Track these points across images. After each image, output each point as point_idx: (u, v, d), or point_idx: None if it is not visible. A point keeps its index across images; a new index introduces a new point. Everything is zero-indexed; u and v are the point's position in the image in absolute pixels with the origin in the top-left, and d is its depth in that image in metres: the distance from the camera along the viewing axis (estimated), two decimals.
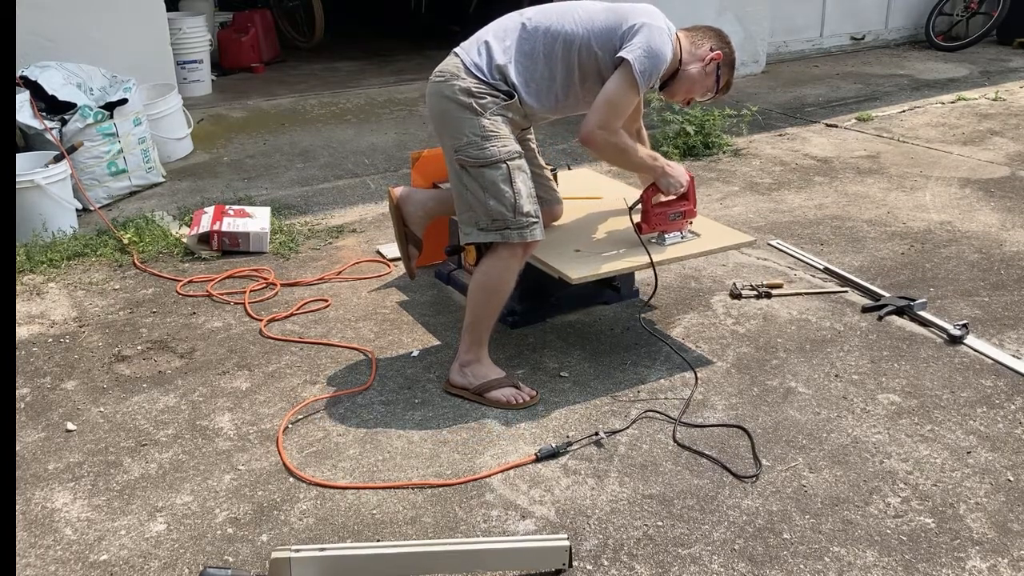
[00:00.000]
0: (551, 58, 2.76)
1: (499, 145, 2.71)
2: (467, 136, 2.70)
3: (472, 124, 2.70)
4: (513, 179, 2.71)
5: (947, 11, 8.82)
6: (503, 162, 2.70)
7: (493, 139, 2.70)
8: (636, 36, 2.70)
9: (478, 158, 2.70)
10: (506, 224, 2.72)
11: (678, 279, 3.69)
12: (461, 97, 2.70)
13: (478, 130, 2.69)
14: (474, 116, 2.70)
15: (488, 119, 2.70)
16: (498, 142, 2.71)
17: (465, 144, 2.71)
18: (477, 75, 2.72)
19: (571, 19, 2.77)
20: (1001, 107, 6.47)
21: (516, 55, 2.75)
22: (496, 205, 2.71)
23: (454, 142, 2.74)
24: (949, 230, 4.18)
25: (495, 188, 2.71)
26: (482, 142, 2.69)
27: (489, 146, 2.69)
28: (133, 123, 4.69)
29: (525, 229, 2.73)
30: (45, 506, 2.39)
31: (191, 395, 2.92)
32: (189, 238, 4.00)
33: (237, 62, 7.70)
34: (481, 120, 2.70)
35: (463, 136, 2.71)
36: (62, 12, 5.21)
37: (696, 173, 5.06)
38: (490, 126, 2.70)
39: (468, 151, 2.71)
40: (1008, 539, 2.22)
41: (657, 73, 2.74)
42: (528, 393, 2.83)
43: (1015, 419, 2.71)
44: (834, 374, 2.97)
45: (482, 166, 2.70)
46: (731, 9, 7.37)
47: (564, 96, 2.82)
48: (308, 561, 2.06)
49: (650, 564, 2.15)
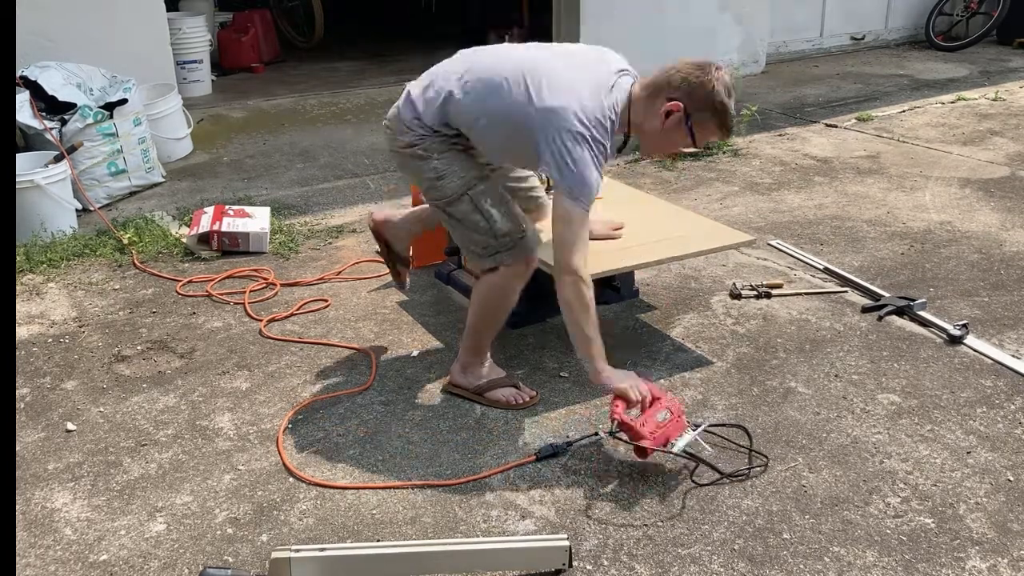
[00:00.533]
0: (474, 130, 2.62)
1: (455, 180, 2.65)
2: (425, 180, 2.69)
3: (424, 168, 2.67)
4: (480, 206, 2.65)
5: (947, 11, 8.82)
6: (463, 195, 2.66)
7: (447, 176, 2.65)
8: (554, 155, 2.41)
9: (441, 198, 2.69)
10: (496, 249, 2.68)
11: (678, 279, 3.69)
12: (405, 150, 2.69)
13: (431, 172, 2.67)
14: (422, 161, 2.66)
15: (438, 159, 2.65)
16: (453, 178, 2.65)
17: (427, 188, 2.71)
18: (417, 129, 2.64)
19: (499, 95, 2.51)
20: (1001, 107, 6.47)
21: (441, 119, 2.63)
22: (477, 236, 2.68)
23: (419, 184, 2.77)
24: (949, 230, 4.18)
25: (468, 220, 2.68)
26: (437, 182, 2.67)
27: (445, 185, 2.66)
28: (133, 123, 4.69)
29: (514, 249, 2.66)
30: (45, 506, 2.39)
31: (191, 395, 2.92)
32: (189, 238, 4.00)
33: (237, 62, 7.70)
34: (431, 163, 2.66)
35: (422, 180, 2.71)
36: (62, 12, 5.21)
37: (696, 173, 5.07)
38: (441, 166, 2.65)
39: (431, 194, 2.72)
40: (1008, 539, 2.22)
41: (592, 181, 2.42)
42: (528, 393, 2.83)
43: (1015, 419, 2.71)
44: (834, 374, 2.97)
45: (449, 203, 2.69)
46: (731, 9, 7.37)
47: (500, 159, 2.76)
48: (308, 561, 2.06)
49: (650, 564, 2.15)
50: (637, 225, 3.18)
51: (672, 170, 5.12)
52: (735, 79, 2.62)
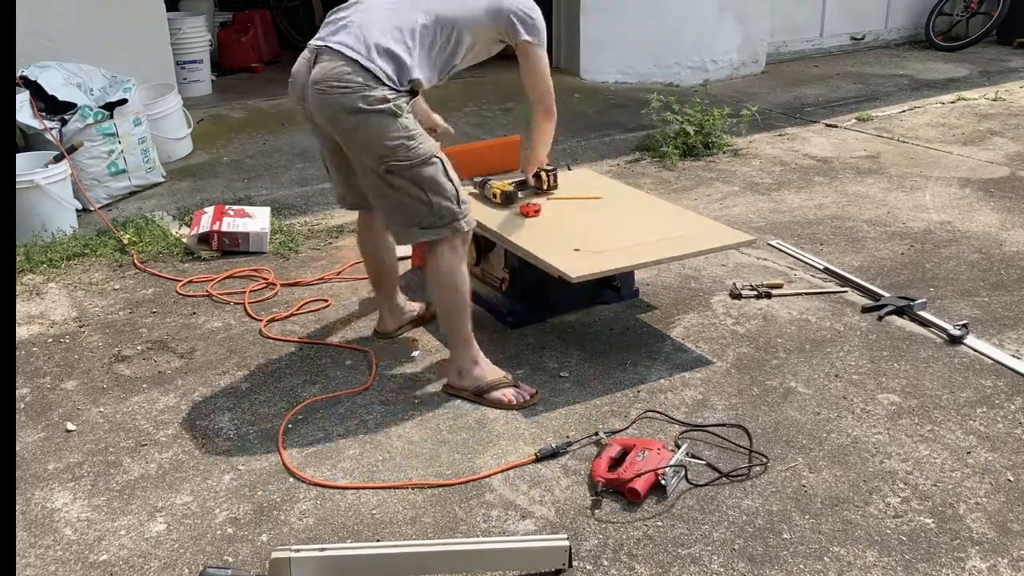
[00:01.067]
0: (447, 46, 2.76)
1: (427, 142, 2.70)
2: (394, 140, 2.63)
3: (396, 127, 2.63)
4: (448, 170, 2.73)
5: (947, 11, 8.82)
6: (435, 156, 2.70)
7: (419, 136, 2.68)
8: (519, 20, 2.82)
9: (411, 159, 2.65)
10: (454, 216, 2.72)
11: (678, 279, 3.69)
12: (378, 106, 2.60)
13: (403, 131, 2.63)
14: (395, 119, 2.62)
15: (406, 118, 2.66)
16: (423, 139, 2.69)
17: (395, 147, 2.63)
18: (389, 84, 2.61)
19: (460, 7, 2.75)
20: (1001, 107, 6.47)
21: (421, 56, 2.69)
22: (440, 200, 2.69)
23: (379, 150, 2.64)
24: (949, 230, 4.18)
25: (435, 184, 2.68)
26: (409, 142, 2.64)
27: (418, 145, 2.66)
28: (133, 123, 4.69)
29: (470, 216, 2.78)
30: (45, 506, 2.39)
31: (191, 395, 2.92)
32: (189, 238, 4.00)
33: (237, 62, 7.69)
34: (402, 120, 2.64)
35: (390, 141, 2.62)
36: (62, 12, 5.21)
37: (696, 173, 5.07)
38: (411, 124, 2.67)
39: (398, 154, 2.64)
40: (1008, 539, 2.22)
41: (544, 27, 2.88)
42: (528, 392, 2.83)
43: (1015, 419, 2.71)
44: (834, 374, 2.97)
45: (417, 165, 2.66)
46: (731, 9, 7.37)
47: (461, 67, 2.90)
48: (308, 561, 2.06)
49: (650, 564, 2.15)
50: (637, 225, 3.18)
51: (672, 170, 5.12)
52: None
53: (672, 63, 7.28)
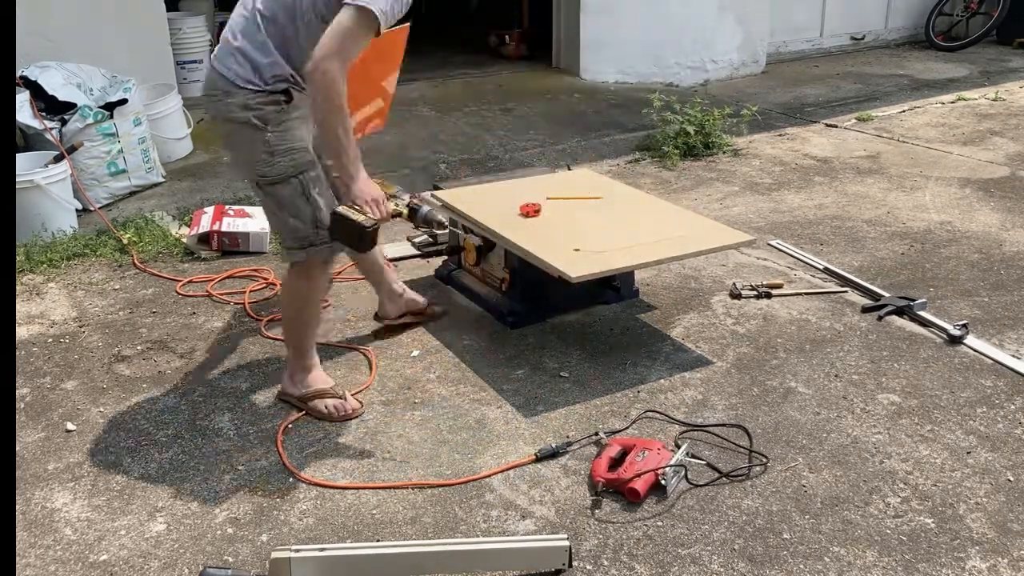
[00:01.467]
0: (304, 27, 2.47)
1: (288, 158, 2.53)
2: (255, 154, 2.52)
3: (256, 140, 2.50)
4: (308, 192, 2.55)
5: (947, 11, 8.82)
6: (294, 176, 2.54)
7: (280, 153, 2.51)
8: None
9: (268, 175, 2.53)
10: (310, 241, 2.58)
11: (678, 279, 3.69)
12: (239, 113, 2.48)
13: (263, 147, 2.51)
14: (256, 131, 2.49)
15: (272, 131, 2.50)
16: (286, 156, 2.52)
17: (255, 162, 2.54)
18: (246, 86, 2.47)
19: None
20: (1001, 107, 6.47)
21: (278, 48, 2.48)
22: (295, 223, 2.57)
23: (242, 161, 2.60)
24: (949, 230, 4.18)
25: (292, 205, 2.56)
26: (270, 159, 2.51)
27: (277, 161, 2.52)
28: (133, 123, 4.69)
29: (331, 244, 2.60)
30: (45, 506, 2.39)
31: (191, 395, 2.92)
32: (189, 238, 4.00)
33: None
34: (265, 135, 2.50)
35: (251, 155, 2.53)
36: (63, 12, 5.20)
37: (696, 173, 5.07)
38: (275, 140, 2.50)
39: (258, 169, 2.54)
40: (1008, 539, 2.22)
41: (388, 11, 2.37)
42: (352, 406, 2.77)
43: (1015, 419, 2.71)
44: (834, 374, 2.97)
45: (274, 183, 2.54)
46: (731, 9, 7.37)
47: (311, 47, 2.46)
48: (308, 561, 2.06)
49: (650, 564, 2.15)
50: (637, 225, 3.18)
51: (672, 170, 5.12)
52: None
53: (672, 63, 7.28)
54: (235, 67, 2.49)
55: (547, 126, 5.84)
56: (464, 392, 2.90)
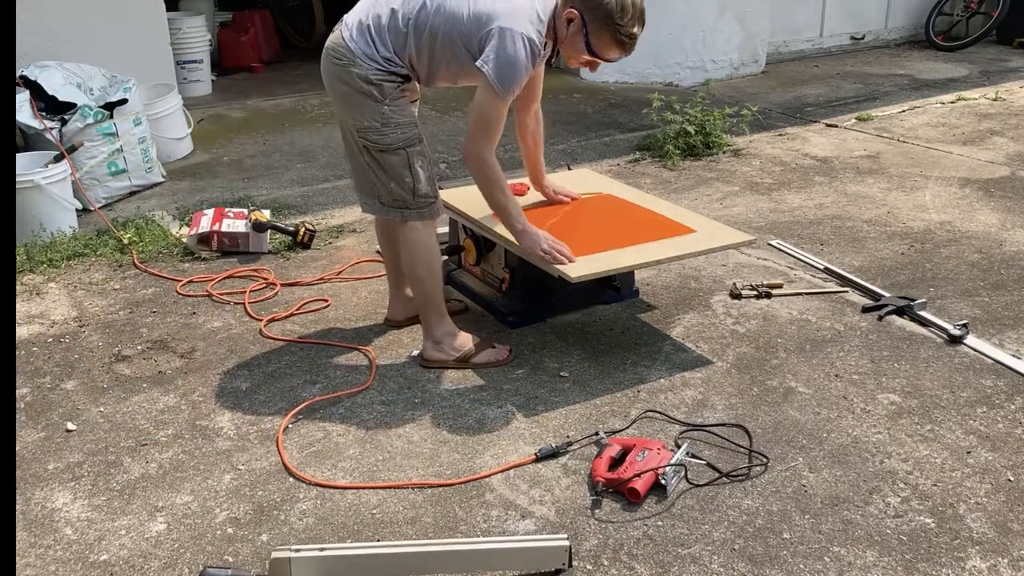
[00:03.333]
0: (422, 48, 2.73)
1: (399, 132, 2.77)
2: (367, 121, 2.76)
3: (372, 110, 2.74)
4: (412, 164, 2.80)
5: (947, 11, 8.82)
6: (402, 149, 2.78)
7: (392, 126, 2.76)
8: (489, 43, 2.61)
9: (379, 143, 2.78)
10: (405, 204, 2.84)
11: (678, 279, 3.69)
12: (361, 84, 2.72)
13: (378, 117, 2.74)
14: (374, 103, 2.73)
15: (388, 106, 2.74)
16: (397, 129, 2.77)
17: (366, 128, 2.77)
18: (368, 62, 2.71)
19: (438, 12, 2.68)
20: (1001, 107, 6.47)
21: (395, 45, 2.73)
22: (396, 188, 2.82)
23: (355, 123, 2.80)
24: (949, 230, 4.18)
25: (395, 172, 2.81)
26: (382, 128, 2.75)
27: (389, 133, 2.76)
28: (133, 123, 4.69)
29: (424, 209, 2.86)
30: (45, 506, 2.39)
31: (191, 395, 2.92)
32: (189, 238, 4.00)
33: (237, 62, 7.69)
34: (382, 107, 2.74)
35: (363, 120, 2.76)
36: (63, 12, 5.21)
37: (696, 173, 5.07)
38: (390, 113, 2.75)
39: (368, 135, 2.78)
40: (1008, 539, 2.22)
41: (518, 79, 2.64)
42: (505, 348, 3.04)
43: (1015, 419, 2.71)
44: (834, 374, 2.97)
45: (381, 151, 2.79)
46: (731, 9, 7.37)
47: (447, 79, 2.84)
48: (308, 561, 2.06)
49: (650, 564, 2.15)
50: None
51: (672, 170, 5.12)
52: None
53: (672, 63, 7.28)
54: (362, 44, 2.72)
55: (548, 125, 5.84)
56: (464, 392, 2.90)
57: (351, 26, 2.76)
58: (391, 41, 2.72)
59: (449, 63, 2.75)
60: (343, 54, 2.74)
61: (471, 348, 3.00)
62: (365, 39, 2.73)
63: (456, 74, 2.80)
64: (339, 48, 2.75)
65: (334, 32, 2.81)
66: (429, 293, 2.96)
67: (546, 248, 2.81)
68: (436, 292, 2.97)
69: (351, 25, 2.76)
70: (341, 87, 2.78)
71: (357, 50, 2.72)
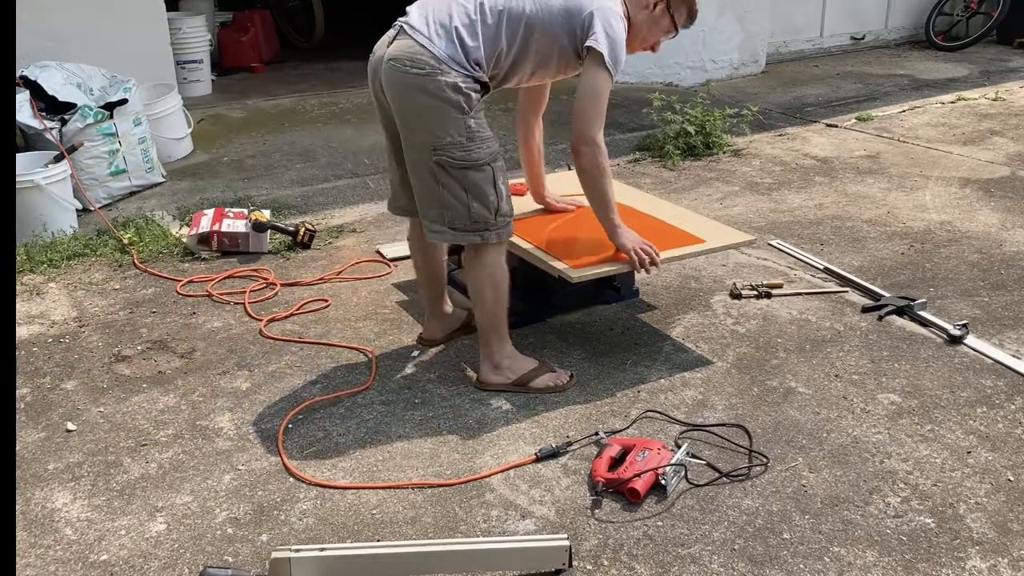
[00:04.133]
0: (513, 42, 2.62)
1: (484, 147, 2.62)
2: (451, 136, 2.57)
3: (458, 124, 2.57)
4: (496, 181, 2.66)
5: (947, 11, 8.82)
6: (487, 164, 2.63)
7: (478, 140, 2.61)
8: (594, 24, 2.59)
9: (464, 160, 2.60)
10: (486, 226, 2.68)
11: (678, 279, 3.69)
12: (450, 94, 2.53)
13: (463, 131, 2.58)
14: (461, 115, 2.56)
15: (474, 118, 2.59)
16: (483, 144, 2.62)
17: (448, 144, 2.58)
18: (457, 68, 2.54)
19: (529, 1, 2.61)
20: (1001, 107, 6.47)
21: (484, 41, 2.58)
22: (479, 208, 2.65)
23: (434, 140, 2.59)
24: (949, 230, 4.18)
25: (478, 190, 2.63)
26: (467, 143, 2.59)
27: (475, 148, 2.60)
28: (133, 123, 4.69)
29: (503, 229, 2.73)
30: (45, 506, 2.39)
31: (191, 395, 2.92)
32: (189, 238, 4.00)
33: (237, 62, 7.70)
34: (468, 120, 2.58)
35: (446, 136, 2.57)
36: (63, 12, 5.21)
37: (696, 173, 5.07)
38: (475, 126, 2.60)
39: (451, 152, 2.59)
40: (1008, 539, 2.22)
41: (624, 58, 2.66)
42: (566, 373, 2.91)
43: (1015, 419, 2.71)
44: (834, 374, 2.97)
45: (465, 168, 2.61)
46: (731, 9, 7.37)
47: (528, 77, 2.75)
48: (308, 561, 2.06)
49: (650, 564, 2.15)
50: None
51: (673, 170, 5.12)
52: None
53: (672, 63, 7.28)
54: (448, 48, 2.55)
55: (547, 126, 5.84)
56: (464, 392, 2.90)
57: (428, 29, 2.56)
58: (483, 39, 2.56)
59: (540, 53, 2.64)
60: (425, 62, 2.52)
61: (530, 372, 2.87)
62: (452, 42, 2.54)
63: (542, 65, 2.69)
64: (417, 55, 2.53)
65: (399, 41, 2.59)
66: (494, 317, 2.82)
67: (640, 249, 2.79)
68: (501, 316, 2.84)
69: (427, 27, 2.57)
70: (423, 99, 2.55)
71: (444, 55, 2.52)
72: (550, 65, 2.72)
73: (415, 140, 2.65)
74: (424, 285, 3.15)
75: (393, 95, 2.63)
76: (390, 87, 2.62)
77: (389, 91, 2.64)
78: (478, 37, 2.57)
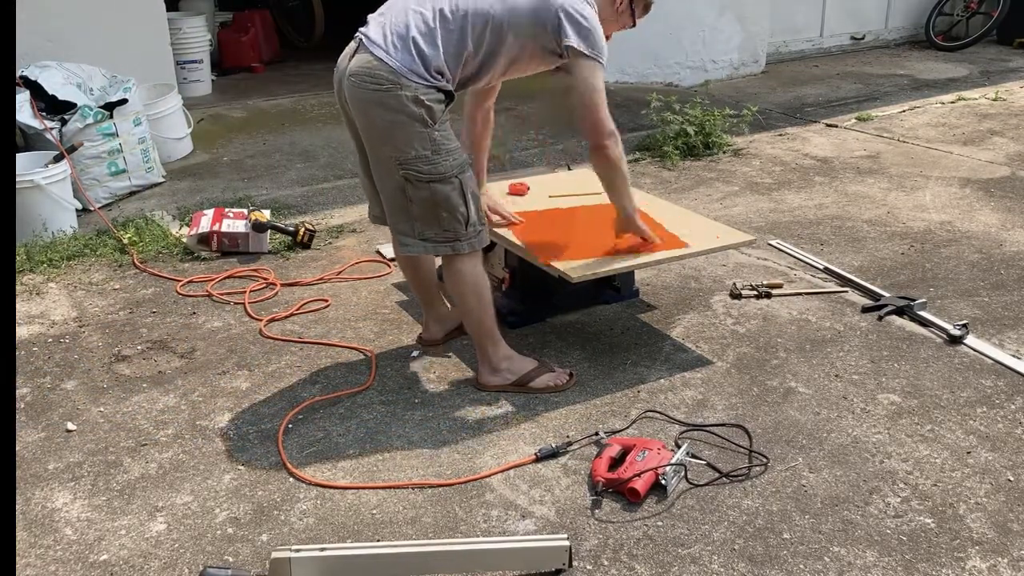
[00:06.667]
0: (481, 43, 2.57)
1: (450, 159, 2.58)
2: (415, 150, 2.53)
3: (422, 138, 2.52)
4: (465, 192, 2.63)
5: (947, 11, 8.82)
6: (455, 176, 2.60)
7: (444, 152, 2.56)
8: (564, 21, 2.55)
9: (430, 173, 2.56)
10: (457, 236, 2.66)
11: (678, 279, 3.69)
12: (412, 108, 2.49)
13: (428, 144, 2.53)
14: (424, 128, 2.52)
15: (438, 130, 2.54)
16: (448, 156, 2.57)
17: (413, 158, 2.54)
18: (418, 80, 2.49)
19: (491, 2, 2.56)
20: (1001, 107, 6.47)
21: (445, 47, 2.53)
22: (449, 219, 2.63)
23: (399, 154, 2.55)
24: (949, 230, 4.18)
25: (447, 203, 2.61)
26: (433, 156, 2.55)
27: (441, 161, 2.56)
28: (133, 123, 4.69)
29: (475, 239, 2.70)
30: (45, 506, 2.39)
31: (191, 395, 2.92)
32: (189, 238, 4.00)
33: (237, 62, 7.70)
34: (432, 133, 2.53)
35: (411, 150, 2.53)
36: (62, 12, 5.21)
37: (696, 173, 5.07)
38: (440, 138, 2.55)
39: (417, 165, 2.55)
40: (1008, 539, 2.22)
41: (603, 40, 2.65)
42: (566, 372, 2.91)
43: (1015, 419, 2.71)
44: (834, 374, 2.97)
45: (432, 181, 2.57)
46: (731, 9, 7.37)
47: (500, 75, 2.71)
48: (308, 561, 2.06)
49: (650, 564, 2.15)
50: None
51: (672, 170, 5.12)
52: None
53: (672, 63, 7.28)
54: (407, 60, 2.49)
55: (547, 126, 5.84)
56: (464, 392, 2.90)
57: (385, 41, 2.51)
58: (443, 45, 2.51)
59: (510, 52, 2.59)
60: (384, 77, 2.48)
61: (529, 372, 2.87)
62: (410, 53, 2.49)
63: (515, 62, 2.64)
64: (375, 71, 2.49)
65: (358, 56, 2.54)
66: (481, 323, 2.81)
67: (648, 234, 2.90)
68: (489, 320, 2.81)
69: (384, 39, 2.52)
70: (384, 115, 2.51)
71: (402, 68, 2.48)
72: (522, 61, 2.66)
73: (380, 155, 2.63)
74: (417, 289, 3.14)
75: (356, 111, 2.61)
76: (352, 103, 2.60)
77: (352, 106, 2.61)
78: (437, 45, 2.52)
